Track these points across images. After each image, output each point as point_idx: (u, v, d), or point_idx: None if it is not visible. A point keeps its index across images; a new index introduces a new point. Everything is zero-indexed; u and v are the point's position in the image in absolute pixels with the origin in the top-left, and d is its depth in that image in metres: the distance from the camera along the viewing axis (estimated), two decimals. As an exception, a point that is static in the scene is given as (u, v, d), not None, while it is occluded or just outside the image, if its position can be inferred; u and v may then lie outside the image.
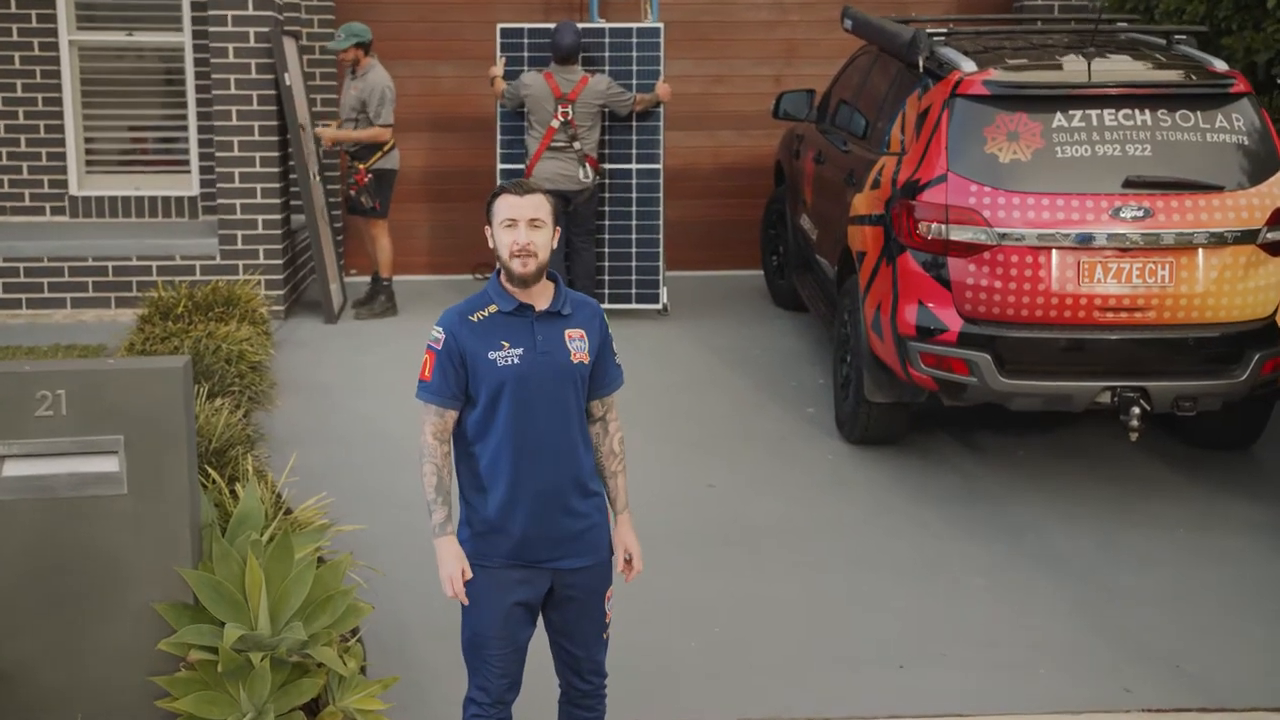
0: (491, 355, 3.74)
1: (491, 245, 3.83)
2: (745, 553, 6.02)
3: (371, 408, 7.51)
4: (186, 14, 10.14)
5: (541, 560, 3.81)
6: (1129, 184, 6.08)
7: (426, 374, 3.79)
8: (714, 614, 5.46)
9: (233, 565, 4.49)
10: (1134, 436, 6.10)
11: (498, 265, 3.83)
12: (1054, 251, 6.06)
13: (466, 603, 3.82)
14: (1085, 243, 6.03)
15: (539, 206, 3.78)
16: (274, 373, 7.89)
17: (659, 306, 9.55)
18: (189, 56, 10.19)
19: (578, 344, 3.85)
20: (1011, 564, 5.92)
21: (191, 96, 10.27)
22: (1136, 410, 6.03)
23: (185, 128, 10.41)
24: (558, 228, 3.87)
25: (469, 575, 3.79)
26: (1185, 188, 6.08)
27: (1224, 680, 5.02)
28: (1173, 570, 5.89)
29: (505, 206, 3.78)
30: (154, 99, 10.55)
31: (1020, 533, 6.21)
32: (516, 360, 3.74)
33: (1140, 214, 6.03)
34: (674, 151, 10.48)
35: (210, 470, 5.51)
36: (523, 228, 3.74)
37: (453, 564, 3.79)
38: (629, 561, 3.95)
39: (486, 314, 3.80)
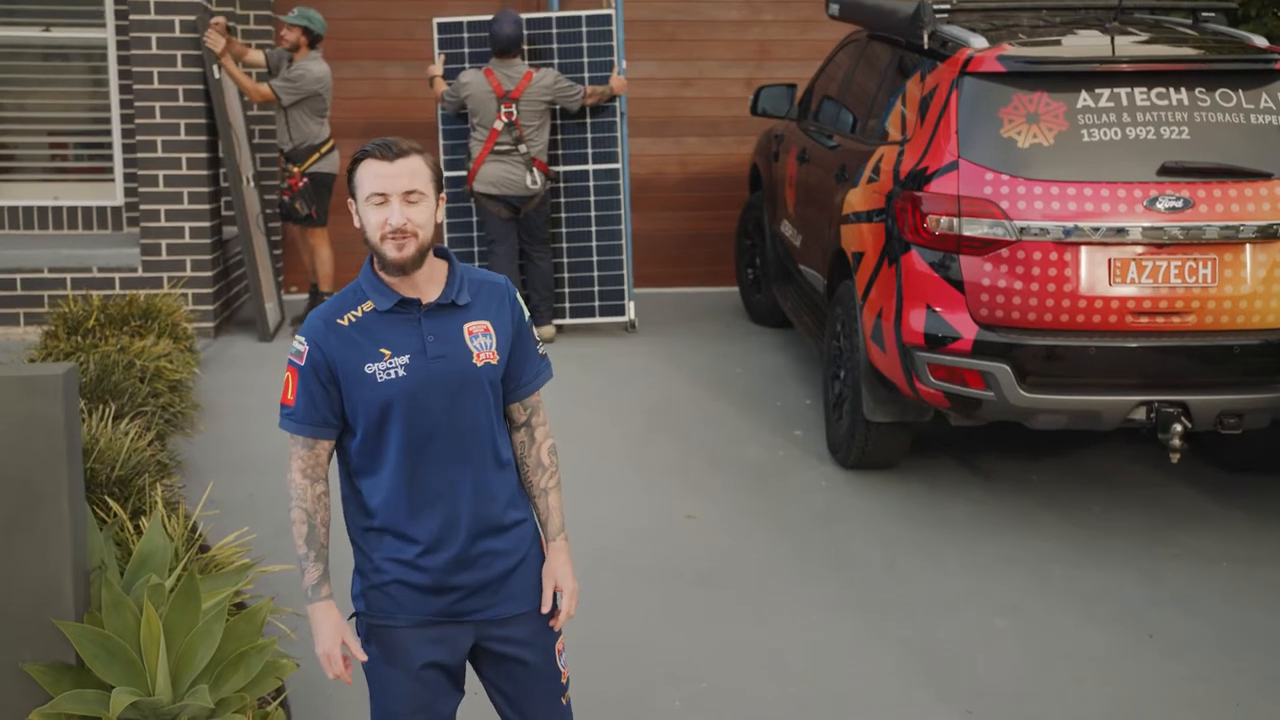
0: (369, 369, 2.93)
1: (358, 224, 2.98)
2: (733, 593, 5.28)
3: (306, 432, 6.70)
4: (109, 7, 9.28)
5: (461, 614, 3.03)
6: (1165, 171, 5.40)
7: (289, 397, 2.99)
8: (699, 665, 4.72)
9: (126, 616, 3.82)
10: (1175, 458, 5.40)
11: (370, 252, 3.01)
12: (1081, 248, 5.36)
13: (350, 683, 3.06)
14: (1117, 237, 5.35)
15: (415, 174, 2.91)
16: (197, 394, 7.09)
17: (626, 320, 8.80)
18: (112, 54, 9.34)
19: (481, 341, 3.01)
20: (1037, 603, 5.21)
21: (115, 98, 9.40)
22: (1178, 428, 5.32)
23: (109, 133, 9.55)
24: (442, 195, 3.03)
25: (358, 654, 3.02)
26: (1229, 175, 5.40)
27: (1301, 740, 4.32)
28: (1222, 610, 5.19)
29: (370, 178, 2.91)
30: (75, 101, 9.68)
31: (1044, 568, 5.49)
32: (402, 372, 2.93)
33: (1178, 205, 5.34)
34: (639, 160, 9.79)
35: (111, 502, 4.80)
36: (395, 204, 2.89)
37: (329, 638, 3.00)
38: (555, 604, 3.13)
39: (360, 315, 2.97)
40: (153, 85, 8.22)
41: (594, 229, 8.72)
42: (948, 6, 6.27)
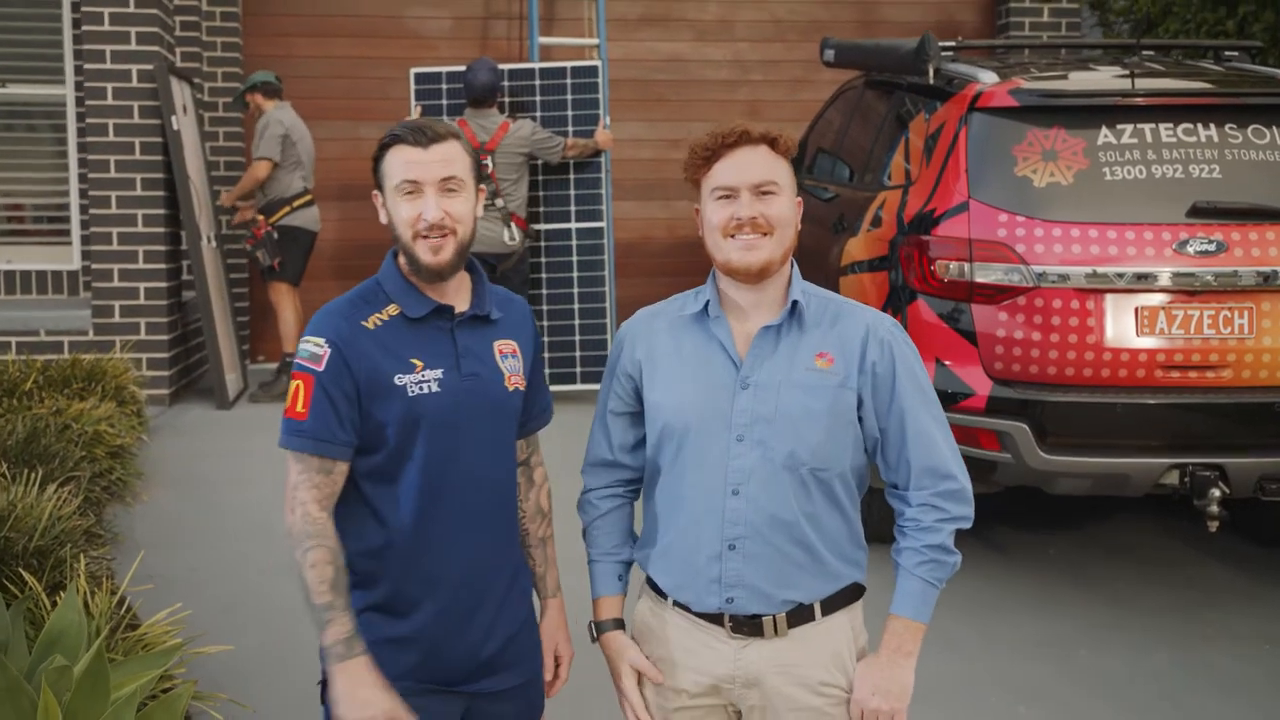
0: (400, 380, 2.48)
1: (384, 220, 2.57)
2: (726, 678, 4.72)
3: (254, 503, 6.14)
4: (69, 63, 8.87)
5: (456, 682, 2.55)
6: (1196, 212, 4.94)
7: (300, 408, 2.45)
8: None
9: (21, 703, 3.30)
10: (1213, 527, 4.87)
11: (394, 247, 2.59)
12: (1105, 295, 4.89)
13: None
14: (1143, 284, 4.88)
15: (452, 160, 2.54)
16: (143, 461, 6.55)
17: (609, 389, 8.30)
18: (71, 113, 8.92)
19: (511, 363, 2.62)
20: (1062, 687, 4.68)
21: (73, 158, 8.96)
22: (1215, 493, 4.81)
23: (66, 193, 9.09)
24: (482, 187, 2.62)
25: None
26: (1265, 216, 4.94)
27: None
28: (1265, 695, 4.67)
29: (400, 165, 2.52)
30: (31, 160, 9.22)
31: (1068, 648, 4.97)
32: (435, 387, 2.49)
33: (1211, 248, 4.89)
34: (625, 223, 9.36)
35: (26, 574, 4.28)
36: (430, 195, 2.50)
37: (377, 705, 2.38)
38: (555, 668, 2.75)
39: (385, 319, 2.53)
40: (107, 138, 7.76)
41: (576, 290, 8.26)
42: (953, 44, 5.86)
